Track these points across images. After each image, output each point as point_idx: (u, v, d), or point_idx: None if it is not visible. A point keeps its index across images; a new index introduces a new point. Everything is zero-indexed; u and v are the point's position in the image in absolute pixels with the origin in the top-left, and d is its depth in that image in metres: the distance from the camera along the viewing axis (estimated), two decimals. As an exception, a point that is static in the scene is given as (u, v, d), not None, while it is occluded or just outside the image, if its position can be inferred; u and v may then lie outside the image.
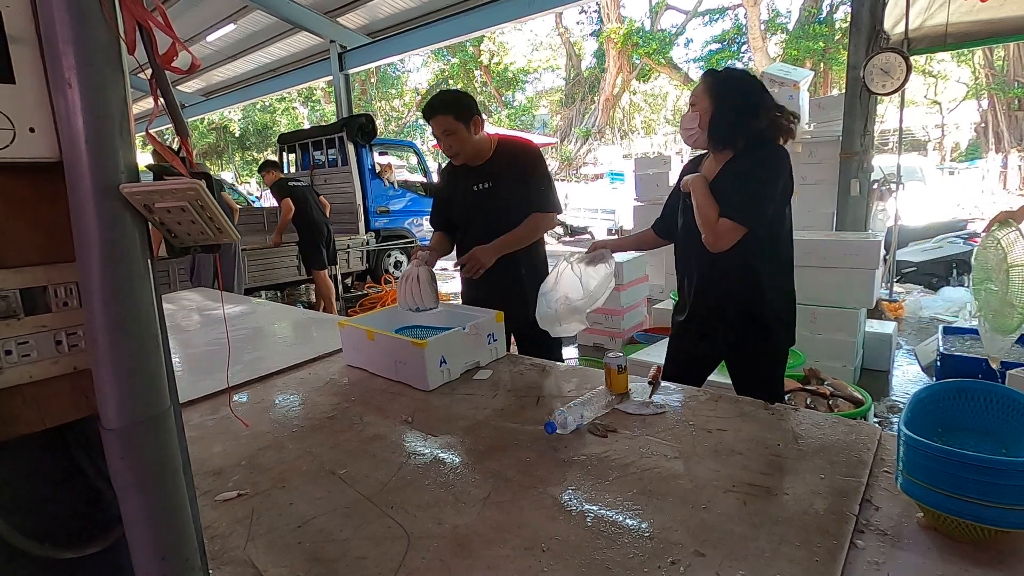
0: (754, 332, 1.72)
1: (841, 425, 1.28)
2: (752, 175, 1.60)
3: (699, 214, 1.63)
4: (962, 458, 0.82)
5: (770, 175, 1.59)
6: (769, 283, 1.69)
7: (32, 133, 0.53)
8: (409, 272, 1.92)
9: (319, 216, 5.89)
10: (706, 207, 1.61)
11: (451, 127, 2.00)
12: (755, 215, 1.59)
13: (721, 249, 1.59)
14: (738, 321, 1.72)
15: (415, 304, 1.90)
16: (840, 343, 3.57)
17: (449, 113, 1.99)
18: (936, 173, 12.56)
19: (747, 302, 1.70)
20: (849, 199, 4.56)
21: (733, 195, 1.59)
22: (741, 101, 1.61)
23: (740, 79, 1.66)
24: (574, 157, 22.19)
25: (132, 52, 0.56)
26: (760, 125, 1.60)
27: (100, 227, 0.53)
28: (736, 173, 1.62)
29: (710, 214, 1.60)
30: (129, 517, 0.58)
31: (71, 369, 0.59)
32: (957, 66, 17.17)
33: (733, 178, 1.62)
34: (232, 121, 25.55)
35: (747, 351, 1.76)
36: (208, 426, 1.52)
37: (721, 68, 1.75)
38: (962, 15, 4.22)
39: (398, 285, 1.99)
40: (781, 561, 0.86)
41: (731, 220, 1.57)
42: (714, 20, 19.36)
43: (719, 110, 1.62)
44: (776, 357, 1.79)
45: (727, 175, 1.64)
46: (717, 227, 1.58)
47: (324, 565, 0.93)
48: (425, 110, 2.05)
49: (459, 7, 8.31)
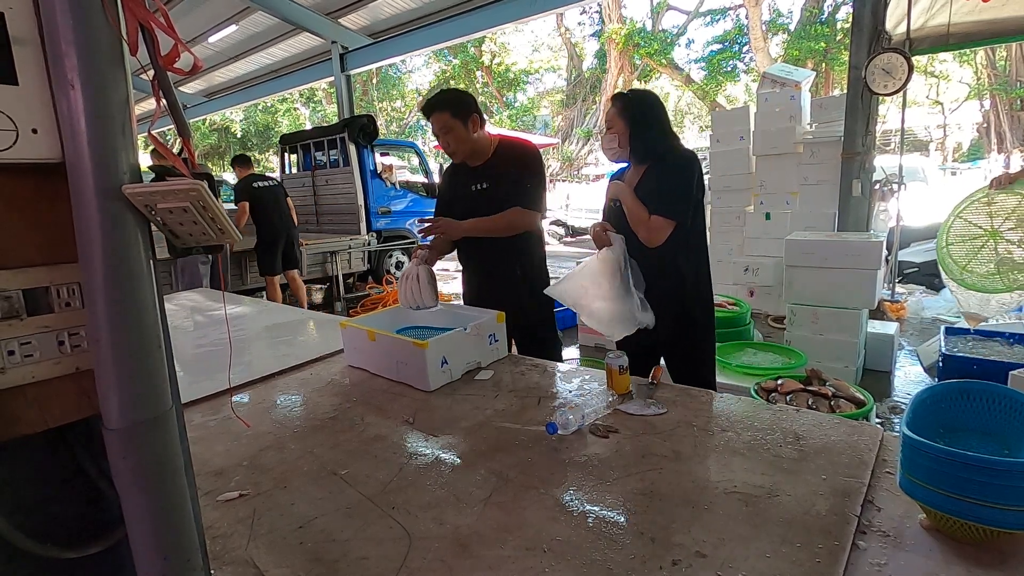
0: (687, 324, 1.88)
1: (843, 426, 1.28)
2: (671, 177, 1.81)
3: (631, 216, 1.82)
4: (964, 459, 0.82)
5: (686, 176, 1.80)
6: (695, 276, 1.87)
7: (35, 134, 0.53)
8: (409, 271, 1.93)
9: (277, 221, 5.70)
10: (636, 209, 1.81)
11: (448, 124, 2.01)
12: (680, 209, 1.79)
13: (657, 243, 1.78)
14: (673, 314, 1.86)
15: (415, 302, 1.91)
16: (842, 344, 3.56)
17: (446, 110, 2.01)
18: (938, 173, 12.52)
19: (680, 296, 1.86)
20: (851, 199, 4.55)
21: (658, 195, 1.79)
22: (651, 119, 1.84)
23: (647, 100, 1.88)
24: (575, 157, 22.17)
25: (134, 53, 0.56)
26: (668, 139, 1.86)
27: (102, 228, 0.53)
28: (657, 177, 1.82)
29: (641, 214, 1.80)
30: (131, 517, 0.58)
31: (73, 369, 0.59)
32: (959, 66, 17.13)
33: (657, 181, 1.82)
34: (234, 122, 25.58)
35: (684, 342, 1.91)
36: (210, 426, 1.52)
37: (628, 91, 1.95)
38: (964, 15, 4.21)
39: (398, 283, 2.00)
40: (783, 562, 0.86)
41: (661, 216, 1.77)
42: (715, 20, 19.32)
43: (634, 129, 1.83)
44: (708, 346, 1.96)
45: (649, 180, 1.84)
46: (650, 224, 1.78)
47: (325, 565, 0.93)
48: (424, 107, 2.08)
49: (460, 8, 8.31)
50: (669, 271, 1.83)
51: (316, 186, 8.24)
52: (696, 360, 1.93)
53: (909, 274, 6.31)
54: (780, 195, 5.32)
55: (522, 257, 2.14)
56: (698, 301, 1.88)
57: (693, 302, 1.87)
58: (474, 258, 2.25)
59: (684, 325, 1.87)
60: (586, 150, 22.28)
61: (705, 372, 1.93)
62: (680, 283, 1.85)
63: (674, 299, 1.85)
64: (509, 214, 2.06)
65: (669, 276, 1.84)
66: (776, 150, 5.30)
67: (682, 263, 1.84)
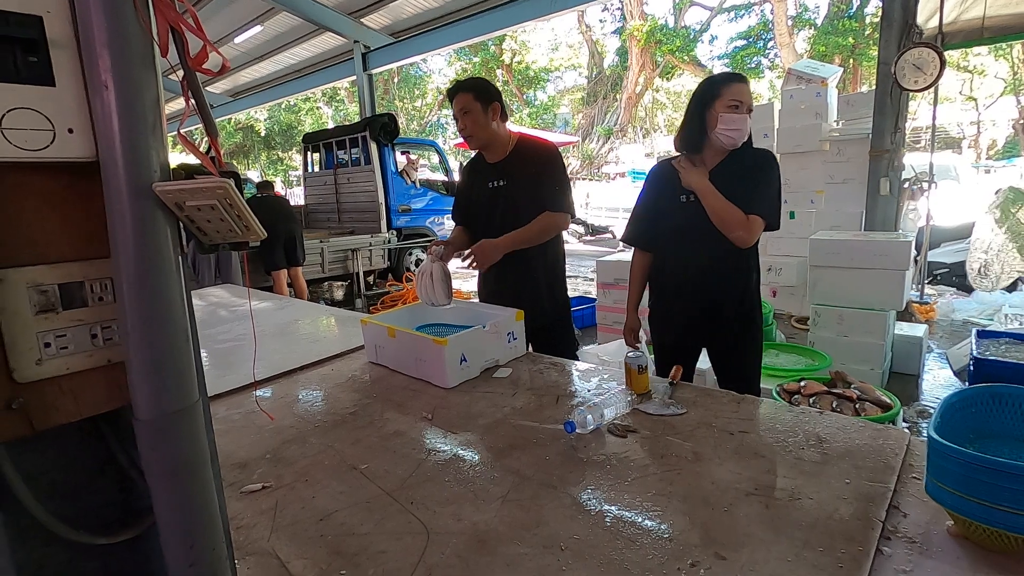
0: (744, 325, 1.86)
1: (868, 429, 1.25)
2: (766, 176, 1.74)
3: (723, 214, 1.70)
4: (996, 465, 0.80)
5: (777, 175, 1.76)
6: (755, 279, 1.85)
7: (71, 134, 0.55)
8: (424, 267, 1.94)
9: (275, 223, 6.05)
10: (728, 207, 1.70)
11: (469, 106, 2.02)
12: (775, 211, 1.74)
13: (750, 244, 1.73)
14: (740, 314, 1.84)
15: (429, 300, 1.92)
16: (868, 346, 3.49)
17: (470, 92, 2.03)
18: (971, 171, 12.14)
19: (741, 298, 1.84)
20: (879, 198, 4.44)
21: (756, 195, 1.71)
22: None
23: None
24: (596, 156, 22.04)
25: (165, 55, 0.57)
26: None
27: (133, 225, 0.55)
28: (745, 175, 1.73)
29: (736, 213, 1.69)
30: (159, 505, 0.60)
31: (105, 362, 0.61)
32: (995, 60, 16.57)
33: (750, 180, 1.72)
34: (258, 121, 26.03)
35: (740, 344, 1.89)
36: (234, 420, 1.55)
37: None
38: (1000, 7, 4.08)
39: (415, 279, 2.03)
40: (804, 566, 0.85)
41: (760, 216, 1.70)
42: (739, 16, 19.03)
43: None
44: (759, 349, 1.94)
45: (728, 176, 1.74)
46: (751, 224, 1.69)
47: (345, 558, 0.95)
48: (450, 88, 2.12)
49: (481, 6, 8.33)
50: (742, 270, 1.82)
51: (338, 184, 8.35)
52: (753, 362, 1.92)
53: (939, 275, 6.14)
54: (805, 193, 5.23)
55: (540, 256, 2.14)
56: (757, 302, 1.88)
57: (755, 302, 1.87)
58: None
59: (747, 324, 1.86)
60: (606, 148, 22.13)
61: (758, 373, 1.93)
62: (747, 283, 1.83)
63: (743, 299, 1.83)
64: (541, 220, 2.06)
65: (741, 275, 1.82)
66: (801, 148, 5.21)
67: (753, 263, 1.84)
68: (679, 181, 1.80)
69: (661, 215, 1.89)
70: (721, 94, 1.70)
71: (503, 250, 2.02)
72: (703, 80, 1.84)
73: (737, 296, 1.83)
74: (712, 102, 1.71)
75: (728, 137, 1.71)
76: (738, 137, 1.71)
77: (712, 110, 1.71)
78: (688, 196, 1.79)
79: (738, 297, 1.83)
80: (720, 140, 1.73)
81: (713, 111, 1.71)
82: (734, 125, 1.69)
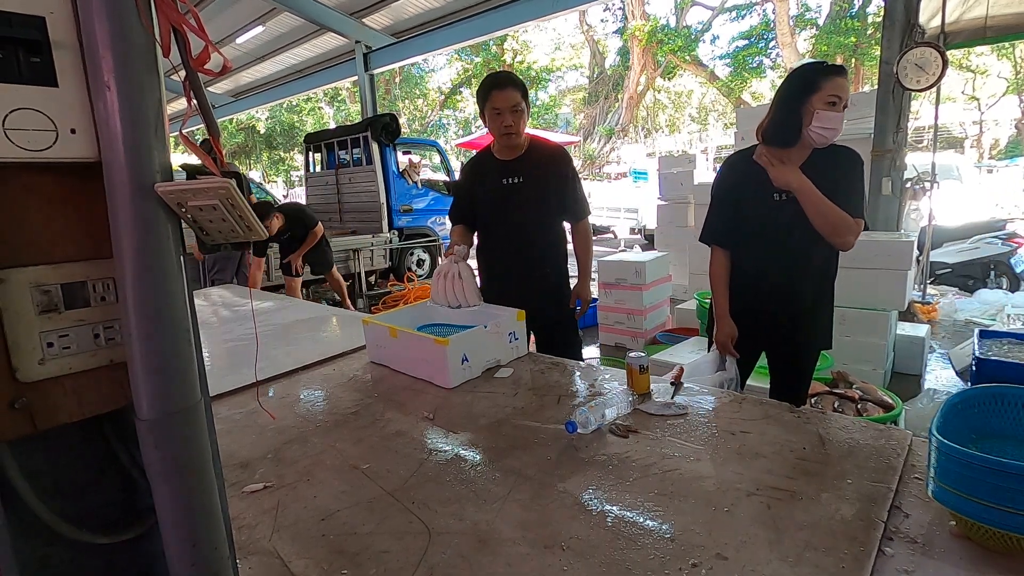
0: (822, 328, 1.83)
1: (870, 430, 1.25)
2: (856, 173, 1.65)
3: (828, 218, 1.60)
4: (999, 466, 0.80)
5: (862, 173, 1.67)
6: (834, 283, 1.82)
7: (73, 134, 0.55)
8: (447, 269, 1.91)
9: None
10: (836, 209, 1.59)
11: (520, 106, 2.01)
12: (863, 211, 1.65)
13: (851, 248, 1.65)
14: (815, 318, 1.80)
15: (457, 301, 1.91)
16: (870, 346, 3.48)
17: (519, 90, 2.01)
18: (973, 171, 12.11)
19: (827, 300, 1.81)
20: (881, 198, 4.44)
21: (854, 195, 1.63)
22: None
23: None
24: (597, 155, 22.04)
25: (167, 55, 0.57)
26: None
27: (135, 225, 0.55)
28: (836, 172, 1.63)
29: (843, 216, 1.59)
30: (161, 505, 0.60)
31: (108, 361, 0.61)
32: (997, 60, 16.54)
33: (843, 179, 1.63)
34: (260, 121, 26.05)
35: (810, 346, 1.86)
36: (236, 419, 1.55)
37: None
38: (1002, 7, 4.07)
39: (434, 282, 1.98)
40: (806, 567, 0.85)
41: (862, 219, 1.62)
42: (741, 16, 19.01)
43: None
44: (816, 355, 1.92)
45: (820, 173, 1.62)
46: (855, 227, 1.61)
47: (347, 558, 0.95)
48: (500, 78, 2.02)
49: (483, 6, 8.33)
50: (831, 274, 1.79)
51: (340, 184, 8.35)
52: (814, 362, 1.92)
53: (942, 275, 6.12)
54: (807, 193, 5.21)
55: (543, 256, 2.14)
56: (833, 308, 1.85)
57: (831, 309, 1.84)
58: (494, 255, 2.24)
59: (818, 331, 1.83)
60: (608, 148, 22.13)
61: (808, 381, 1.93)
62: (832, 286, 1.81)
63: (829, 300, 1.81)
64: (585, 233, 2.21)
65: (828, 279, 1.79)
66: (803, 147, 5.19)
67: (835, 268, 1.79)
68: (766, 177, 1.67)
69: (746, 213, 1.77)
70: (821, 87, 1.55)
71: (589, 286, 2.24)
72: (798, 68, 1.67)
73: (825, 300, 1.80)
74: (809, 95, 1.57)
75: (822, 136, 1.59)
76: (832, 137, 1.60)
77: (808, 104, 1.57)
78: (782, 195, 1.67)
79: (829, 298, 1.80)
80: (812, 138, 1.60)
81: (809, 105, 1.57)
82: (831, 124, 1.56)
